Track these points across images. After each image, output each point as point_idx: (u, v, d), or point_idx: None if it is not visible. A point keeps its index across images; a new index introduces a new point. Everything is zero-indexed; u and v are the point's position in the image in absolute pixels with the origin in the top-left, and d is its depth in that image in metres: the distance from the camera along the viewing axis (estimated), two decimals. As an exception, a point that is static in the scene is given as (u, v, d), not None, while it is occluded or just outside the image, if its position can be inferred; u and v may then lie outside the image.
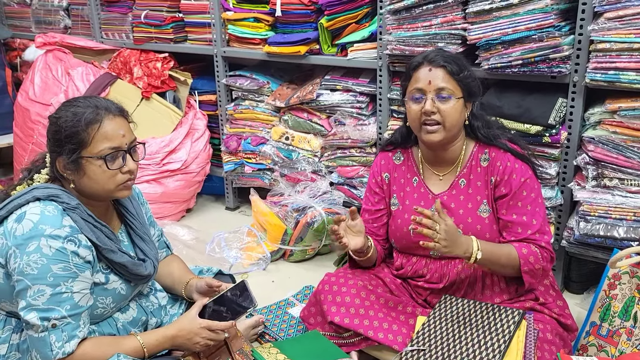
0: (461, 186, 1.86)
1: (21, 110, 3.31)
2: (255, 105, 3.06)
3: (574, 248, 2.21)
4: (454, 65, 1.77)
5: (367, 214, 2.01)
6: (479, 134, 1.84)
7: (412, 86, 1.80)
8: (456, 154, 1.86)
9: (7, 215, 1.51)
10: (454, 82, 1.76)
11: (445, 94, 1.75)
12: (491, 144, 1.84)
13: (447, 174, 1.89)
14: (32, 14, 3.84)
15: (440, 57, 1.78)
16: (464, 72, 1.78)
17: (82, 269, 1.50)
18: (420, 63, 1.79)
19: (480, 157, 1.85)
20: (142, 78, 3.22)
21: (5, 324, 1.58)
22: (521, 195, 1.78)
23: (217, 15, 3.01)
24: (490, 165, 1.83)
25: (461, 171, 1.86)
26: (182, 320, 1.67)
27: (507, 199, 1.79)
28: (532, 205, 1.79)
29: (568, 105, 2.16)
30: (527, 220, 1.77)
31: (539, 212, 1.79)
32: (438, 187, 1.89)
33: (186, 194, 3.16)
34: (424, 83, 1.76)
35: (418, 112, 1.77)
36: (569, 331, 1.82)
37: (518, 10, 2.11)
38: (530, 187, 1.79)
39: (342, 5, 2.58)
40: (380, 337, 1.75)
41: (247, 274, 2.61)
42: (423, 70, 1.78)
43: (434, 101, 1.75)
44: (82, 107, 1.56)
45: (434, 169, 1.91)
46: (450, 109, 1.75)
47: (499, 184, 1.80)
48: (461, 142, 1.86)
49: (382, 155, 2.02)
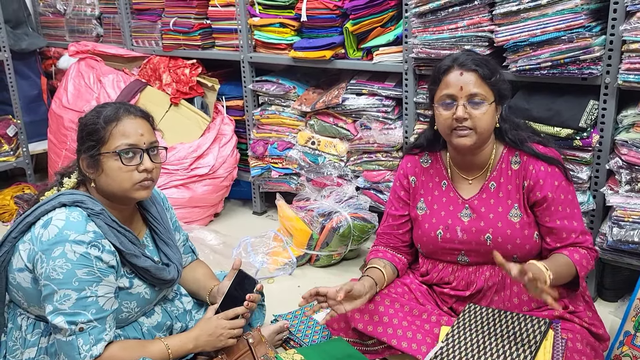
0: (491, 189, 1.82)
1: (55, 117, 3.38)
2: (282, 110, 3.06)
3: (607, 255, 2.15)
4: (485, 69, 1.70)
5: (392, 219, 1.98)
6: (506, 137, 1.80)
7: (441, 91, 1.73)
8: (486, 158, 1.82)
9: (35, 221, 1.54)
10: (486, 87, 1.70)
11: (477, 99, 1.69)
12: (519, 148, 1.80)
13: (476, 178, 1.85)
14: (66, 23, 3.94)
15: (470, 60, 1.71)
16: (496, 76, 1.73)
17: (106, 273, 1.52)
18: (450, 67, 1.72)
19: (511, 159, 1.80)
20: (171, 84, 3.26)
21: (34, 328, 1.62)
22: (559, 199, 1.74)
23: (244, 21, 3.03)
24: (522, 169, 1.78)
25: (491, 174, 1.82)
26: (200, 322, 1.73)
27: (546, 204, 1.75)
28: (570, 208, 1.75)
29: (600, 107, 2.10)
30: (569, 224, 1.74)
31: (577, 214, 1.76)
32: (468, 192, 1.85)
33: (214, 199, 3.18)
34: (455, 89, 1.70)
35: (449, 118, 1.72)
36: (601, 341, 1.76)
37: (547, 10, 2.06)
38: (566, 190, 1.75)
39: (368, 9, 2.57)
40: (404, 346, 1.72)
41: (273, 278, 2.61)
42: (453, 75, 1.71)
43: (466, 107, 1.69)
44: (105, 107, 1.61)
45: (463, 173, 1.87)
46: (483, 114, 1.69)
47: (533, 188, 1.76)
48: (491, 145, 1.82)
49: (408, 158, 1.97)
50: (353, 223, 2.59)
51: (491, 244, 1.77)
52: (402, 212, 1.96)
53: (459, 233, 1.82)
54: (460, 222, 1.83)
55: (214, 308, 1.76)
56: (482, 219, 1.80)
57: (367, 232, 2.65)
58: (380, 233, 2.01)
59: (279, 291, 2.50)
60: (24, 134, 3.63)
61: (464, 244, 1.82)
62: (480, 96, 1.69)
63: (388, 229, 1.98)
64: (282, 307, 2.28)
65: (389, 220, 1.99)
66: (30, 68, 3.88)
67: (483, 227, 1.79)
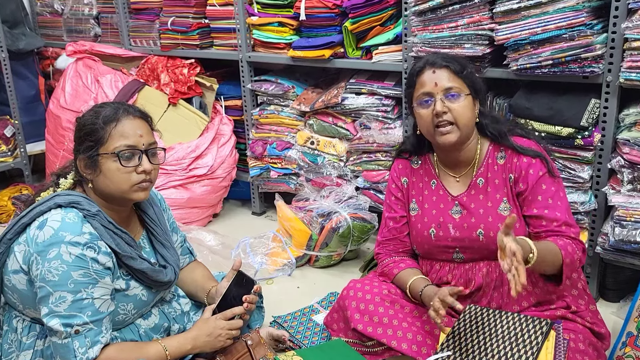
0: (479, 185, 1.83)
1: (52, 117, 3.37)
2: (281, 110, 3.05)
3: (609, 255, 2.14)
4: (455, 64, 1.76)
5: (393, 222, 1.96)
6: (487, 132, 1.82)
7: (418, 91, 1.79)
8: (471, 154, 1.83)
9: (31, 222, 1.52)
10: (460, 80, 1.75)
11: (453, 92, 1.73)
12: (500, 142, 1.81)
13: (463, 175, 1.86)
14: (64, 23, 3.92)
15: (440, 58, 1.78)
16: (467, 69, 1.78)
17: (102, 275, 1.50)
18: (422, 67, 1.78)
19: (497, 155, 1.82)
20: (169, 84, 3.25)
21: (30, 330, 1.61)
22: (540, 189, 1.74)
23: (242, 21, 3.01)
24: (507, 162, 1.80)
25: (478, 170, 1.83)
26: (197, 322, 1.72)
27: (526, 194, 1.76)
28: (553, 199, 1.74)
29: (601, 106, 2.09)
30: (550, 213, 1.73)
31: (561, 206, 1.74)
32: (456, 189, 1.86)
33: (213, 199, 3.17)
34: (430, 86, 1.75)
35: (429, 115, 1.75)
36: (602, 340, 1.76)
37: (547, 8, 2.05)
38: (548, 181, 1.75)
39: (367, 8, 2.56)
40: (404, 348, 1.72)
41: (272, 279, 2.60)
42: (427, 74, 1.76)
43: (444, 101, 1.73)
44: (104, 107, 1.60)
45: (450, 171, 1.88)
46: (461, 106, 1.73)
47: (517, 180, 1.77)
48: (475, 141, 1.83)
49: (399, 160, 1.99)
50: (353, 223, 2.58)
51: (484, 239, 1.78)
52: (401, 213, 1.95)
53: (451, 230, 1.82)
54: (451, 220, 1.83)
55: (212, 308, 1.75)
56: (472, 215, 1.80)
57: (366, 232, 2.64)
58: (384, 241, 1.98)
59: (278, 292, 2.49)
60: (21, 134, 3.61)
61: (457, 240, 1.82)
62: (455, 89, 1.73)
63: (391, 234, 1.96)
64: (282, 308, 2.27)
65: (390, 224, 1.97)
66: (27, 68, 3.87)
67: (474, 222, 1.79)
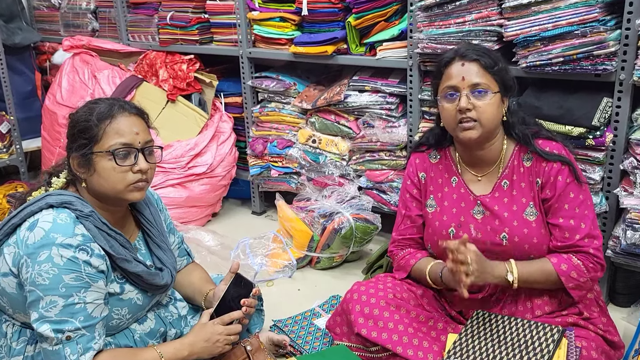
0: (504, 188, 1.76)
1: (49, 113, 3.32)
2: (282, 108, 3.00)
3: (620, 258, 2.09)
4: (487, 58, 1.69)
5: (409, 221, 1.90)
6: (513, 133, 1.76)
7: (444, 84, 1.73)
8: (495, 154, 1.77)
9: (21, 223, 1.47)
10: (489, 76, 1.69)
11: (481, 88, 1.67)
12: (525, 145, 1.75)
13: (486, 175, 1.80)
14: (61, 17, 3.87)
15: (472, 50, 1.71)
16: (498, 65, 1.71)
17: (95, 278, 1.45)
18: (452, 59, 1.72)
19: (523, 156, 1.76)
20: (168, 80, 3.20)
21: (20, 335, 1.56)
22: (568, 197, 1.68)
23: (243, 16, 2.97)
24: (534, 166, 1.73)
25: (503, 172, 1.77)
26: (194, 327, 1.68)
27: (552, 201, 1.70)
28: (580, 208, 1.68)
29: (614, 105, 2.04)
30: (575, 224, 1.67)
31: (588, 215, 1.69)
32: (479, 189, 1.80)
33: (212, 198, 3.12)
34: (457, 80, 1.69)
35: (453, 110, 1.69)
36: (615, 349, 1.71)
37: (559, 4, 2.01)
38: (576, 189, 1.69)
39: (371, 3, 2.51)
40: (409, 355, 1.66)
41: (273, 281, 2.55)
42: (455, 66, 1.70)
43: (469, 97, 1.67)
44: (98, 103, 1.54)
45: (472, 170, 1.82)
46: (487, 104, 1.67)
47: (545, 186, 1.71)
48: (500, 141, 1.77)
49: (416, 154, 1.93)
50: (355, 224, 2.54)
51: (507, 244, 1.72)
52: (418, 212, 1.89)
53: (472, 231, 1.76)
54: (473, 220, 1.77)
55: (209, 313, 1.71)
56: (496, 217, 1.74)
57: (369, 233, 2.60)
58: (399, 239, 1.92)
59: (278, 295, 2.44)
60: (17, 130, 3.57)
61: (478, 243, 1.72)
62: (483, 85, 1.68)
63: (407, 232, 1.90)
64: (282, 311, 2.23)
65: (407, 222, 1.91)
66: (24, 63, 3.82)
67: (498, 225, 1.73)
